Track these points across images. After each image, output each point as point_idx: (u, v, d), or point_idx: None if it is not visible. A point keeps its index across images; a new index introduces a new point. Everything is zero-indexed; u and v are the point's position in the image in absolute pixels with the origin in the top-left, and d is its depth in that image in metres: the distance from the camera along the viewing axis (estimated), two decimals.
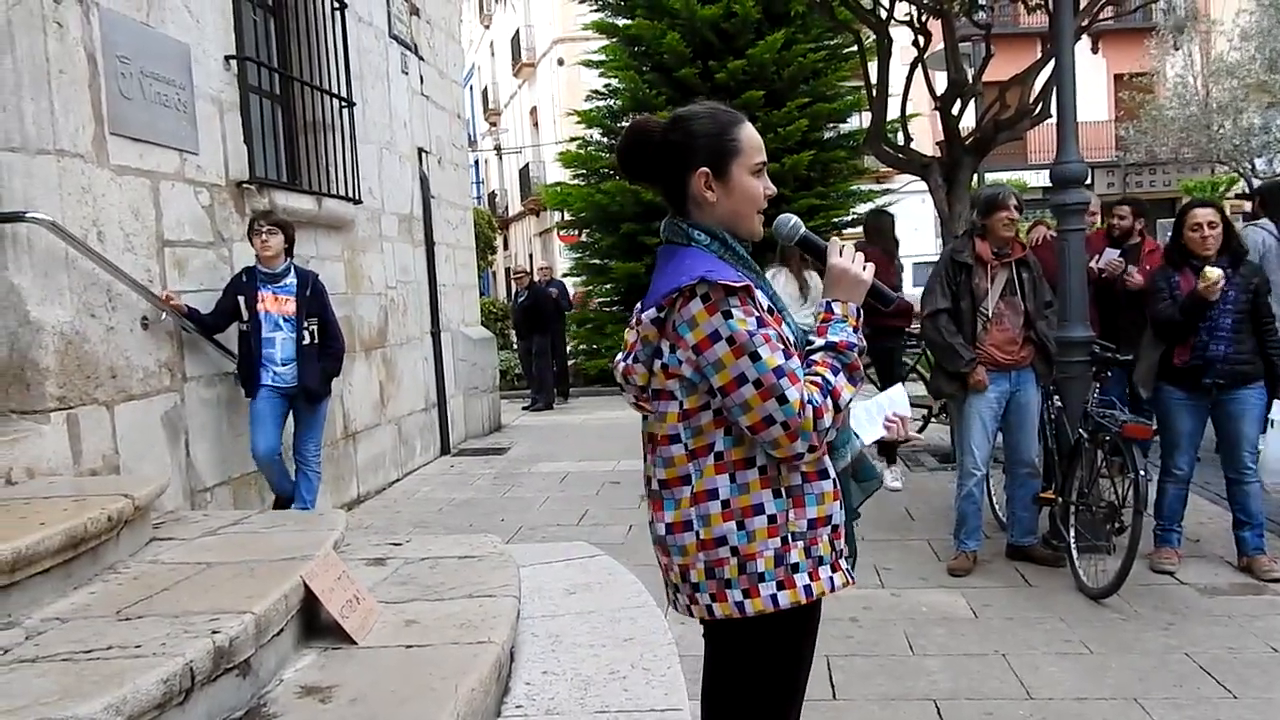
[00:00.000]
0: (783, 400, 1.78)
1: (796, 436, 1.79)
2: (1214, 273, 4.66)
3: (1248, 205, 13.37)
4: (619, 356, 2.08)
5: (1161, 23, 18.89)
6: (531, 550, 5.15)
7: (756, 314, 1.83)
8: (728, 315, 1.81)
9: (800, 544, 1.88)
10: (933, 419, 8.65)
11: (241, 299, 5.22)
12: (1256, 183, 17.44)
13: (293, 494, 5.50)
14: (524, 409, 12.70)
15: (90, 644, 2.67)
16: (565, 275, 16.73)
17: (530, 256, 34.62)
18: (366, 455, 7.41)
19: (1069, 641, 4.13)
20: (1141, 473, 4.56)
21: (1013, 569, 5.13)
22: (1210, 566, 5.01)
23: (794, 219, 2.09)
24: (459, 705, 2.73)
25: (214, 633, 2.69)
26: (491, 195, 39.14)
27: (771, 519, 1.87)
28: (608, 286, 15.55)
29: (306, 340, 5.37)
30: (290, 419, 5.55)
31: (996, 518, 5.82)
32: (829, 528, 1.93)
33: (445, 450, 9.23)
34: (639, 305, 2.03)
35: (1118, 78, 25.03)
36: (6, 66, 4.03)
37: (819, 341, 1.95)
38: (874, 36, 8.32)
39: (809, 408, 1.80)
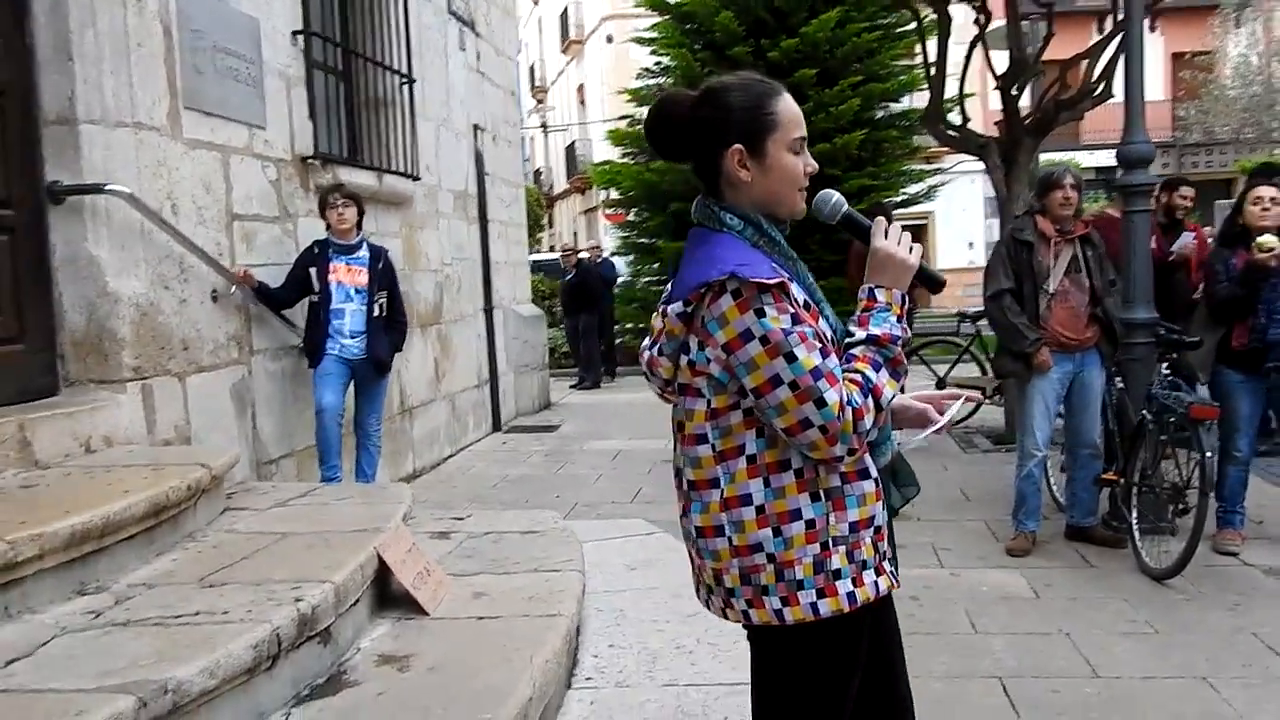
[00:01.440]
0: (821, 403, 1.67)
1: (836, 440, 1.68)
2: (1270, 240, 4.65)
3: None
4: (645, 343, 1.96)
5: (1224, 0, 18.46)
6: (590, 527, 5.19)
7: (791, 310, 1.71)
8: (760, 314, 1.68)
9: (842, 549, 1.77)
10: (987, 400, 8.57)
11: (313, 270, 5.32)
12: None
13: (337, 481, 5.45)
14: (571, 387, 12.76)
15: (178, 609, 2.75)
16: (612, 254, 16.73)
17: (575, 234, 34.68)
18: (422, 431, 7.50)
19: (1133, 621, 4.12)
20: (1208, 454, 4.52)
21: (1072, 550, 5.10)
22: (1275, 548, 4.98)
23: (836, 195, 1.93)
24: (535, 675, 2.78)
25: (297, 600, 2.76)
26: (537, 173, 39.22)
27: (810, 524, 1.75)
28: (655, 265, 15.54)
29: (376, 313, 5.48)
30: (351, 394, 5.63)
31: (1054, 499, 5.78)
32: (872, 530, 1.81)
33: (497, 427, 9.31)
34: (666, 290, 1.92)
35: (1175, 56, 24.51)
36: (89, 40, 4.10)
37: (859, 334, 1.80)
38: (933, 14, 8.20)
39: (848, 410, 1.68)
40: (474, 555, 4.05)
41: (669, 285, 1.93)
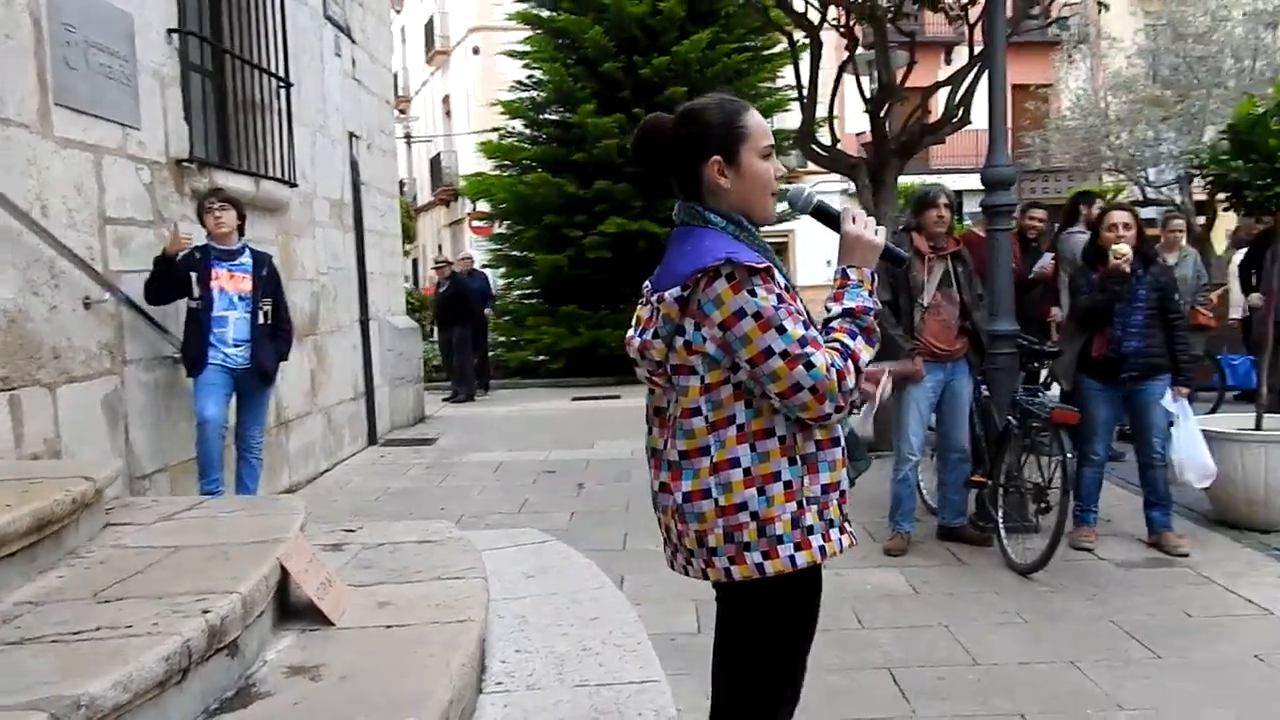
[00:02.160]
0: (810, 366, 1.88)
1: (825, 399, 1.90)
2: (1123, 248, 5.05)
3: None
4: (631, 333, 2.12)
5: (1064, 37, 19.76)
6: (481, 537, 5.15)
7: (777, 290, 1.93)
8: (752, 293, 1.90)
9: (814, 508, 1.99)
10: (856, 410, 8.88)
11: (194, 275, 5.13)
12: (1150, 192, 18.35)
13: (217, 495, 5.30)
14: (445, 400, 12.60)
15: (76, 625, 2.62)
16: (483, 267, 16.62)
17: (439, 247, 34.19)
18: (298, 444, 7.30)
19: (1005, 613, 4.38)
20: (1069, 455, 4.84)
21: (944, 549, 5.38)
22: (1123, 543, 5.35)
23: (807, 189, 2.17)
24: (453, 678, 2.77)
25: (205, 612, 2.67)
26: (400, 184, 38.53)
27: (788, 485, 1.97)
28: (528, 278, 15.52)
29: (261, 320, 5.33)
30: (233, 404, 5.46)
31: (924, 502, 6.05)
32: (838, 492, 2.05)
33: (372, 440, 9.13)
34: (648, 282, 2.10)
35: (1016, 88, 26.04)
36: None
37: (836, 308, 2.05)
38: (805, 38, 8.50)
39: (833, 371, 1.90)
40: (372, 566, 3.98)
41: (647, 282, 2.11)
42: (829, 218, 2.16)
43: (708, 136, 2.02)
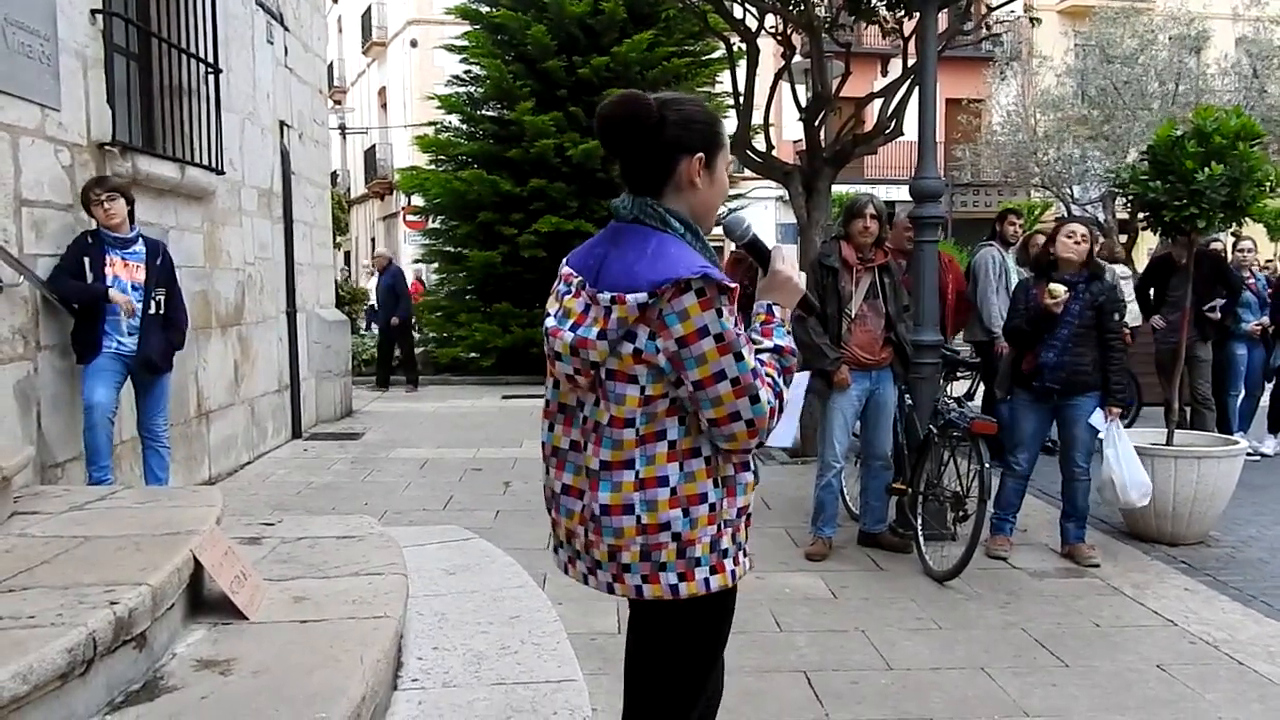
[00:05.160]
0: (755, 400, 1.85)
1: (757, 434, 1.87)
2: (1058, 289, 5.10)
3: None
4: (554, 322, 2.00)
5: (997, 54, 20.22)
6: (404, 533, 5.12)
7: (735, 314, 1.86)
8: (719, 313, 1.83)
9: (730, 531, 1.96)
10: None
11: (87, 260, 5.00)
12: (1075, 209, 18.86)
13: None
14: None
15: None
16: (417, 261, 16.42)
17: (372, 240, 33.81)
18: (219, 436, 7.16)
19: (920, 619, 4.47)
20: (986, 465, 4.95)
21: (864, 554, 5.46)
22: (1037, 553, 5.48)
23: (746, 220, 2.13)
24: (367, 674, 2.75)
25: (112, 604, 2.62)
26: (333, 175, 37.97)
27: (712, 507, 1.92)
28: (462, 275, 15.38)
29: (152, 310, 5.23)
30: (132, 395, 5.36)
31: (847, 508, 6.14)
32: (746, 515, 2.02)
33: (297, 434, 8.99)
34: (570, 271, 2.02)
35: (950, 102, 26.62)
36: None
37: (766, 343, 1.99)
38: (742, 44, 8.58)
39: (768, 408, 1.88)
40: (290, 560, 3.93)
41: (566, 265, 2.04)
42: (760, 253, 2.11)
43: (695, 132, 1.95)
